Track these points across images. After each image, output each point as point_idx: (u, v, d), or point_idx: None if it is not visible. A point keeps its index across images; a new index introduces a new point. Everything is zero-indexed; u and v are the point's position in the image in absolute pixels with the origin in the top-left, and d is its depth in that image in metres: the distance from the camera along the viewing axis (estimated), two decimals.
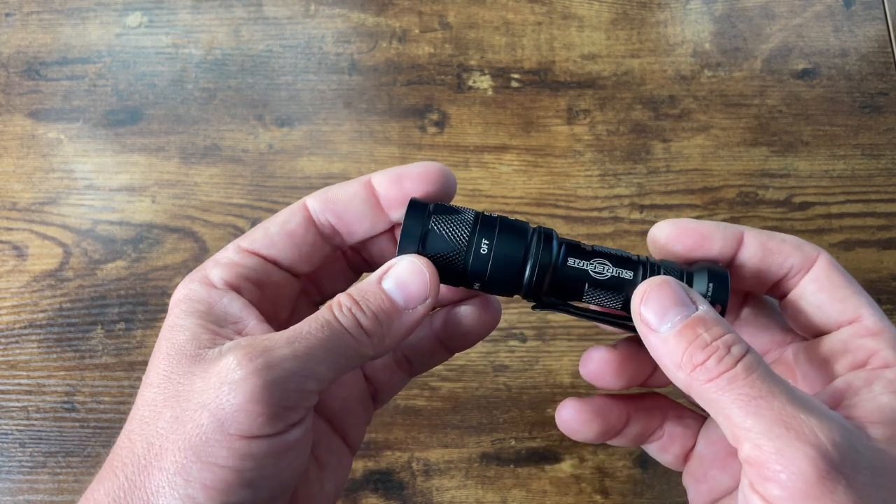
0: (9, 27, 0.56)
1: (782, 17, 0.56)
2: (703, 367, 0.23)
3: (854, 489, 0.21)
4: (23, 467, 0.46)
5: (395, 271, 0.26)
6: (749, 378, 0.22)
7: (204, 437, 0.23)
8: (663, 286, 0.25)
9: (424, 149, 0.52)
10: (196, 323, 0.26)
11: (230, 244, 0.29)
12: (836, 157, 0.52)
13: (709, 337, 0.23)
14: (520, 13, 0.56)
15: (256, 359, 0.23)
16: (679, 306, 0.24)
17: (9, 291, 0.49)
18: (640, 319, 0.25)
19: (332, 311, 0.25)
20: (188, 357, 0.25)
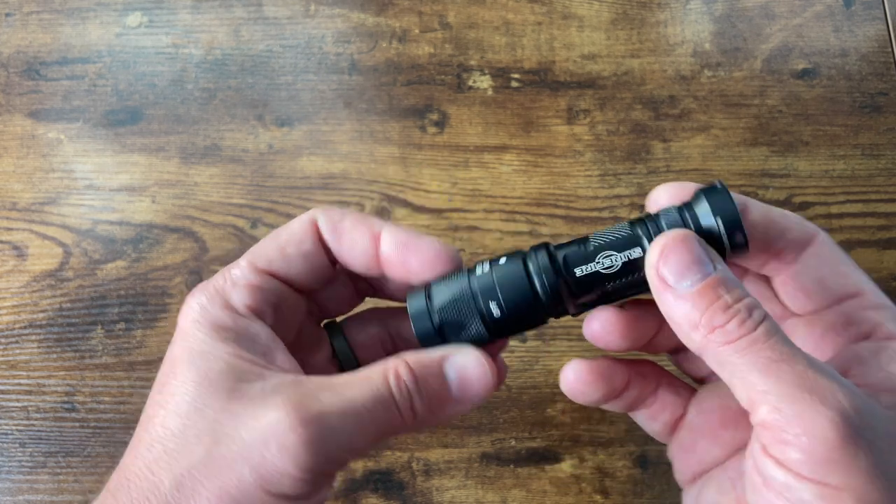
0: (9, 27, 0.56)
1: (782, 17, 0.56)
2: (722, 329, 0.22)
3: (874, 454, 0.20)
4: (23, 467, 0.46)
5: (461, 361, 0.26)
6: (769, 342, 0.22)
7: (244, 490, 0.22)
8: (684, 243, 0.24)
9: (424, 149, 0.52)
10: (229, 352, 0.25)
11: (242, 260, 0.28)
12: (836, 157, 0.52)
13: (730, 299, 0.23)
14: (520, 13, 0.56)
15: (309, 425, 0.23)
16: (699, 264, 0.23)
17: (9, 291, 0.49)
18: (656, 276, 0.24)
19: (389, 385, 0.24)
20: (225, 391, 0.24)
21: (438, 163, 0.52)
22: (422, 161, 0.52)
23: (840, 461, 0.20)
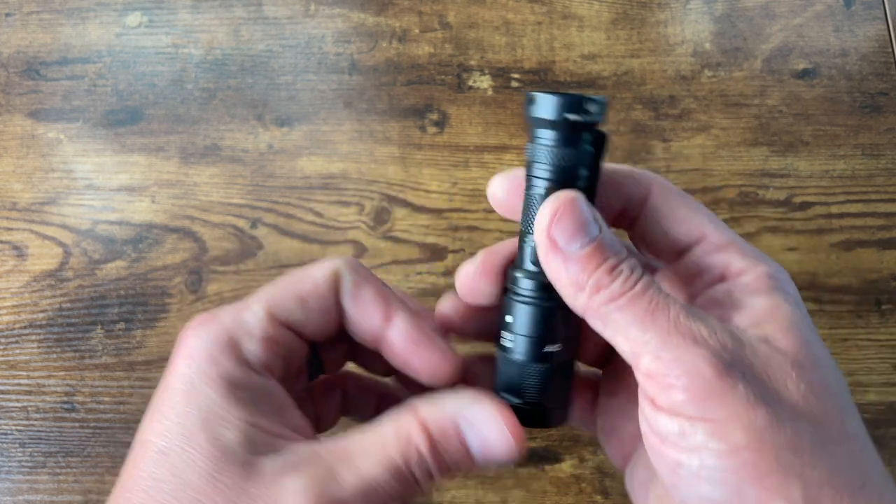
0: (9, 27, 0.56)
1: (782, 17, 0.56)
2: (607, 289, 0.23)
3: (752, 382, 0.21)
4: (23, 467, 0.46)
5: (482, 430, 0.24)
6: (646, 294, 0.23)
7: None
8: (574, 206, 0.24)
9: (424, 149, 0.52)
10: (244, 418, 0.23)
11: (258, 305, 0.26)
12: (837, 157, 0.52)
13: (614, 260, 0.24)
14: (520, 13, 0.56)
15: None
16: (587, 226, 0.24)
17: (9, 291, 0.49)
18: (546, 238, 0.24)
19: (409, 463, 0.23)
20: (239, 465, 0.22)
21: (438, 163, 0.52)
22: (422, 161, 0.52)
23: (720, 394, 0.21)
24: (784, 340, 0.23)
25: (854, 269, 0.50)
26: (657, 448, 0.23)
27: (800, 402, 0.22)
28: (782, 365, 0.22)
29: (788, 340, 0.23)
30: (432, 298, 0.49)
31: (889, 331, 0.48)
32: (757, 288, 0.24)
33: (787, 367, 0.22)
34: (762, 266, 0.25)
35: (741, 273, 0.25)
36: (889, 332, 0.48)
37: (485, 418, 0.24)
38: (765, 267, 0.25)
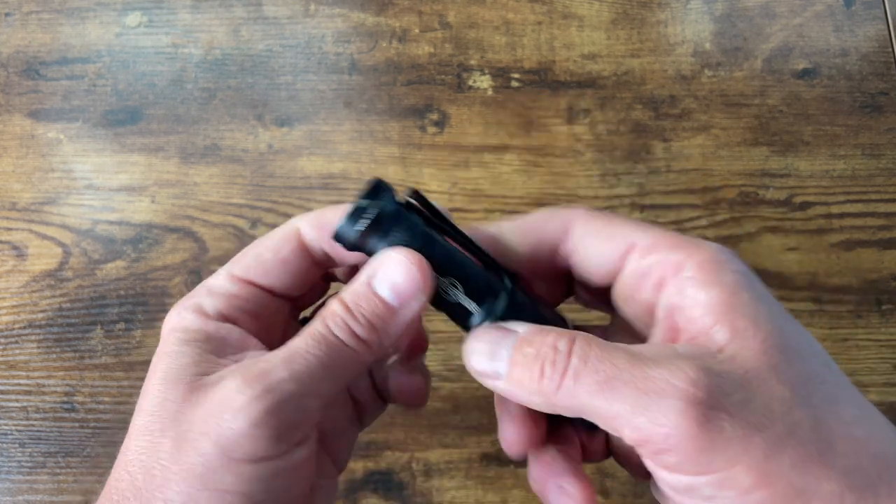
0: (8, 27, 0.56)
1: (783, 17, 0.56)
2: (545, 379, 0.22)
3: (736, 415, 0.20)
4: (22, 467, 0.46)
5: (385, 273, 0.26)
6: (588, 366, 0.22)
7: (209, 464, 0.23)
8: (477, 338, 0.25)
9: (424, 149, 0.52)
10: (194, 351, 0.25)
11: (222, 270, 0.28)
12: (837, 157, 0.52)
13: (533, 350, 0.23)
14: (520, 13, 0.56)
15: (255, 384, 0.23)
16: (500, 342, 0.24)
17: (8, 291, 0.49)
18: (479, 377, 0.25)
19: (327, 324, 0.25)
20: (185, 384, 0.24)
21: (438, 163, 0.52)
22: (422, 161, 0.52)
23: (710, 445, 0.20)
24: (752, 339, 0.21)
25: (854, 269, 0.50)
26: (673, 498, 0.23)
27: (789, 411, 0.20)
28: (760, 374, 0.21)
29: (756, 338, 0.21)
30: None
31: (889, 331, 0.48)
32: (702, 280, 0.23)
33: (765, 374, 0.21)
34: (698, 252, 0.23)
35: (680, 268, 0.23)
36: (889, 332, 0.48)
37: (389, 263, 0.25)
38: (701, 252, 0.23)
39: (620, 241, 0.25)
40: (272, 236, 0.29)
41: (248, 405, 0.23)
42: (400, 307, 0.26)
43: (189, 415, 0.24)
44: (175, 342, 0.26)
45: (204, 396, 0.24)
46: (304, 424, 0.24)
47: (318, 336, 0.25)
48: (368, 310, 0.25)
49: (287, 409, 0.23)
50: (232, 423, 0.23)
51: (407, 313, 0.26)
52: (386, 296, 0.25)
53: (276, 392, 0.23)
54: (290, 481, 0.24)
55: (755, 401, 0.20)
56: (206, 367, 0.25)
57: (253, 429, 0.23)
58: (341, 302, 0.25)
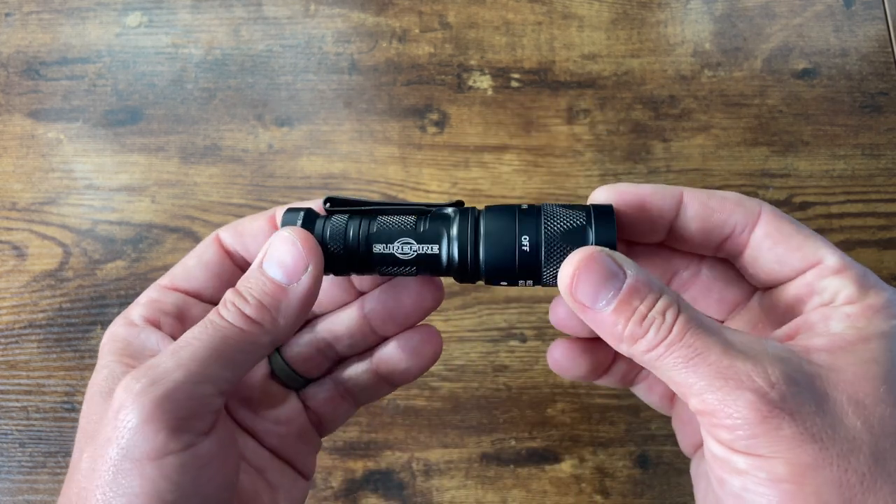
0: (8, 27, 0.56)
1: (782, 17, 0.56)
2: (643, 339, 0.23)
3: (799, 421, 0.21)
4: (23, 467, 0.46)
5: (270, 252, 0.26)
6: (684, 339, 0.23)
7: (115, 470, 0.23)
8: (591, 262, 0.24)
9: (424, 149, 0.52)
10: (112, 360, 0.26)
11: (152, 285, 0.30)
12: (837, 157, 0.52)
13: (644, 308, 0.24)
14: (520, 13, 0.56)
15: (142, 378, 0.23)
16: (610, 280, 0.24)
17: (9, 291, 0.49)
18: (573, 301, 0.25)
19: (217, 310, 0.25)
20: (103, 396, 0.25)
21: (438, 163, 0.52)
22: (422, 161, 0.52)
23: (763, 434, 0.22)
24: (851, 374, 0.22)
25: None
26: (710, 460, 0.24)
27: (855, 439, 0.22)
28: (839, 400, 0.22)
29: (857, 374, 0.22)
30: None
31: None
32: (856, 319, 0.24)
33: (844, 403, 0.22)
34: (873, 297, 0.25)
35: (849, 301, 0.25)
36: None
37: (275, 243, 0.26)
38: (876, 298, 0.24)
39: (809, 253, 0.26)
40: (198, 247, 0.30)
41: (135, 401, 0.23)
42: (289, 283, 0.26)
43: (99, 425, 0.24)
44: (101, 356, 0.27)
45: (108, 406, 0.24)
46: (203, 413, 0.24)
47: (206, 322, 0.25)
48: (257, 289, 0.25)
49: (177, 399, 0.23)
50: (126, 422, 0.23)
51: (299, 288, 0.26)
52: (274, 274, 0.26)
53: (162, 383, 0.23)
54: (202, 476, 0.24)
55: (824, 418, 0.22)
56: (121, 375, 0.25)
57: (145, 424, 0.22)
58: (233, 288, 0.26)
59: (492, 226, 0.26)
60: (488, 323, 0.48)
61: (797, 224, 0.27)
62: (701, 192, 0.27)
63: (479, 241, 0.26)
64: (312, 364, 0.32)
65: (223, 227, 0.30)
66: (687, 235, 0.27)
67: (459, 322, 0.48)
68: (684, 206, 0.27)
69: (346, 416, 0.33)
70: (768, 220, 0.27)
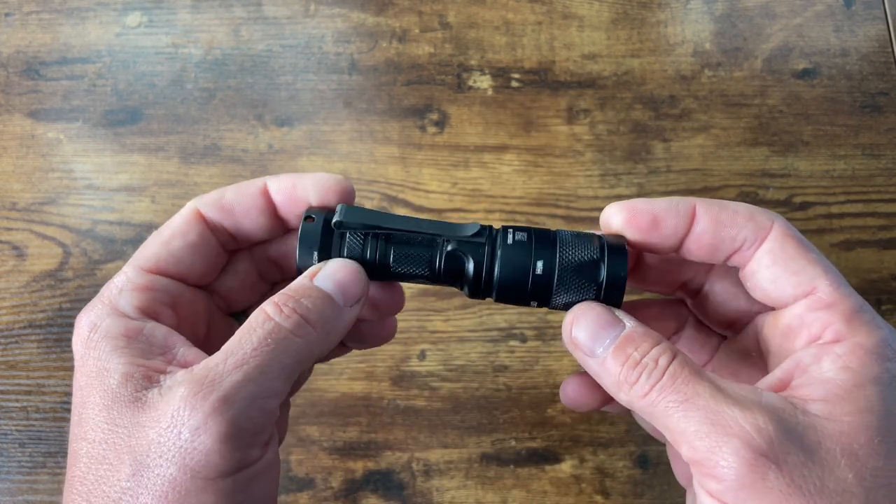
0: (8, 27, 0.56)
1: (783, 17, 0.56)
2: (637, 384, 0.24)
3: (786, 472, 0.21)
4: (22, 467, 0.46)
5: (329, 272, 0.26)
6: (675, 384, 0.23)
7: (179, 488, 0.22)
8: (589, 311, 0.26)
9: (424, 149, 0.52)
10: (123, 362, 0.24)
11: (127, 265, 0.27)
12: (837, 157, 0.52)
13: (638, 355, 0.24)
14: (520, 13, 0.56)
15: (210, 395, 0.22)
16: (606, 330, 0.25)
17: (8, 291, 0.49)
18: (573, 348, 0.26)
19: (272, 317, 0.24)
20: (127, 404, 0.23)
21: (438, 163, 0.52)
22: (422, 161, 0.52)
23: (750, 485, 0.21)
24: (847, 424, 0.22)
25: (854, 269, 0.50)
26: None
27: (845, 492, 0.21)
28: (832, 451, 0.22)
29: (852, 425, 0.22)
30: (432, 298, 0.49)
31: None
32: (846, 361, 0.23)
33: (836, 454, 0.22)
34: (863, 336, 0.24)
35: (838, 340, 0.24)
36: None
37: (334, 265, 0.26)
38: (865, 337, 0.24)
39: (805, 279, 0.25)
40: (173, 224, 0.28)
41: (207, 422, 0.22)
42: (344, 306, 0.26)
43: (143, 439, 0.22)
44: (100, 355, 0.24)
45: (153, 416, 0.23)
46: (269, 426, 0.24)
47: (266, 331, 0.24)
48: (315, 303, 0.25)
49: (250, 416, 0.22)
50: (196, 443, 0.22)
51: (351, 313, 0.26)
52: (332, 292, 0.26)
53: (233, 401, 0.22)
54: (269, 479, 0.24)
55: (813, 469, 0.21)
56: (142, 378, 0.24)
57: (220, 445, 0.22)
58: (286, 294, 0.25)
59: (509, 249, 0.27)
60: (488, 323, 0.48)
61: (805, 247, 0.26)
62: (713, 206, 0.27)
63: (494, 262, 0.27)
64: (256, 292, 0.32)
65: (196, 199, 0.28)
66: (695, 248, 0.27)
67: (459, 322, 0.48)
68: (696, 220, 0.27)
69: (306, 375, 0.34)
70: (775, 237, 0.26)
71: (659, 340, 0.25)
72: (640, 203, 0.27)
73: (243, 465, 0.23)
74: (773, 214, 0.27)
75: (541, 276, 0.26)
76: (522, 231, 0.27)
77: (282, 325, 0.24)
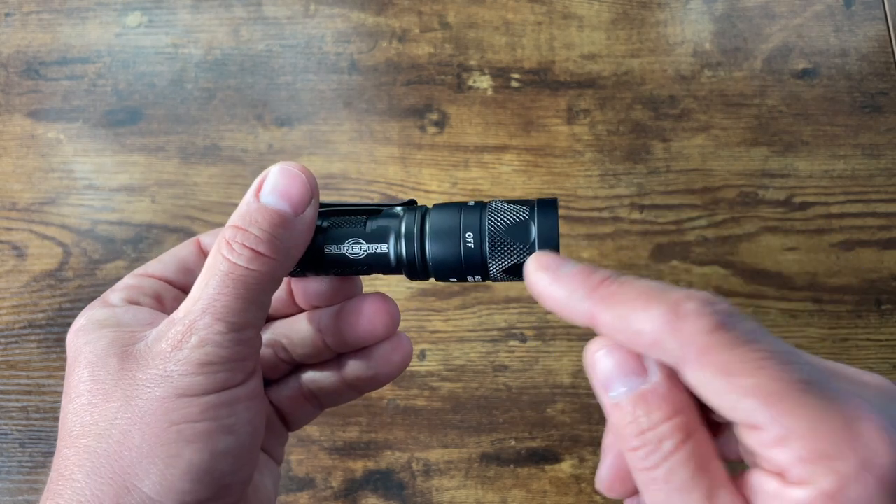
0: (8, 27, 0.56)
1: (782, 17, 0.56)
2: (634, 453, 0.21)
3: None
4: (23, 467, 0.46)
5: (270, 182, 0.26)
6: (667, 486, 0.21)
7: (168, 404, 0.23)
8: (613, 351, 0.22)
9: (424, 149, 0.52)
10: (111, 332, 0.26)
11: (125, 277, 0.30)
12: (837, 157, 0.52)
13: (646, 423, 0.21)
14: (520, 13, 0.56)
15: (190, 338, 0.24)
16: (626, 377, 0.22)
17: (9, 291, 0.49)
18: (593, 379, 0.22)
19: (225, 256, 0.24)
20: (115, 356, 0.25)
21: (438, 163, 0.52)
22: (422, 161, 0.52)
23: None
24: None
25: (854, 269, 0.50)
26: None
27: None
28: None
29: None
30: (432, 298, 0.49)
31: (889, 331, 0.48)
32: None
33: None
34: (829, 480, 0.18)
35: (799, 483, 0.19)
36: (889, 332, 0.48)
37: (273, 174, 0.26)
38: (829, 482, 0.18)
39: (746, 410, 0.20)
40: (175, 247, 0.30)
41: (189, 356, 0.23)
42: (295, 212, 0.26)
43: (129, 378, 0.24)
44: (87, 333, 0.26)
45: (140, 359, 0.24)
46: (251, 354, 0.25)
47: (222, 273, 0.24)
48: (265, 222, 0.25)
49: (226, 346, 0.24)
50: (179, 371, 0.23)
51: (305, 219, 0.26)
52: (279, 206, 0.26)
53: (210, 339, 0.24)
54: (253, 407, 0.25)
55: None
56: (130, 339, 0.25)
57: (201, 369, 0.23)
58: (233, 225, 0.25)
59: (437, 223, 0.27)
60: (488, 323, 0.48)
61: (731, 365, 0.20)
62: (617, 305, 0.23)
63: (424, 239, 0.27)
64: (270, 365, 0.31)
65: (204, 233, 0.31)
66: None
67: (459, 322, 0.48)
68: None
69: (312, 416, 0.33)
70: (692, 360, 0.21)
71: (675, 413, 0.21)
72: None
73: (226, 386, 0.24)
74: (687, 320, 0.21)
75: (472, 248, 0.26)
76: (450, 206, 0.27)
77: (237, 264, 0.24)
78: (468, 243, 0.26)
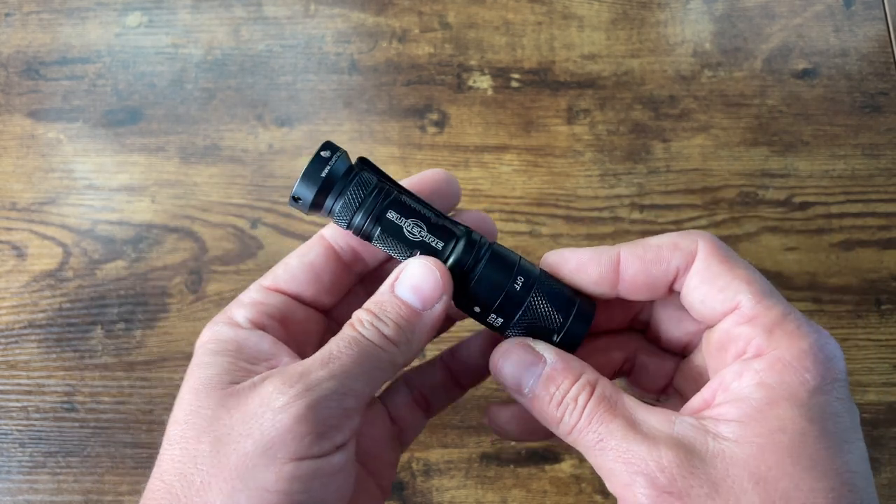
0: (8, 27, 0.56)
1: (782, 17, 0.56)
2: (562, 422, 0.25)
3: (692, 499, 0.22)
4: (23, 467, 0.46)
5: (406, 276, 0.27)
6: (591, 425, 0.24)
7: (250, 463, 0.23)
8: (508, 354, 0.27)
9: (424, 149, 0.52)
10: (226, 360, 0.26)
11: (254, 283, 0.29)
12: (837, 157, 0.52)
13: (559, 394, 0.25)
14: (520, 13, 0.56)
15: (296, 384, 0.24)
16: (529, 368, 0.26)
17: (9, 291, 0.49)
18: (504, 385, 0.27)
19: (356, 328, 0.26)
20: (218, 391, 0.25)
21: (438, 163, 0.52)
22: (422, 161, 0.52)
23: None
24: (756, 447, 0.22)
25: (854, 269, 0.50)
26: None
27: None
28: (739, 479, 0.22)
29: (763, 447, 0.22)
30: None
31: (889, 331, 0.48)
32: (763, 377, 0.23)
33: (744, 481, 0.22)
34: (783, 347, 0.24)
35: (758, 353, 0.24)
36: (889, 331, 0.48)
37: (410, 268, 0.27)
38: (786, 349, 0.24)
39: (729, 296, 0.26)
40: (301, 246, 0.30)
41: (290, 403, 0.23)
42: (423, 309, 0.27)
43: (226, 419, 0.24)
44: (206, 353, 0.26)
45: (241, 401, 0.24)
46: (344, 427, 0.25)
47: (349, 339, 0.25)
48: (393, 313, 0.26)
49: (328, 407, 0.24)
50: (274, 421, 0.23)
51: (432, 315, 0.27)
52: (409, 299, 0.27)
53: (315, 390, 0.24)
54: (330, 485, 0.25)
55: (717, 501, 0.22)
56: (239, 374, 0.25)
57: (296, 425, 0.23)
58: (366, 308, 0.27)
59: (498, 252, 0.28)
60: None
61: (730, 262, 0.26)
62: (636, 247, 0.28)
63: (482, 257, 0.28)
64: None
65: (328, 225, 0.30)
66: (634, 291, 0.28)
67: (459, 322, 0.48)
68: (623, 266, 0.28)
69: (421, 427, 0.34)
70: (701, 257, 0.27)
71: (578, 375, 0.26)
72: (566, 252, 0.29)
73: (312, 455, 0.24)
74: (697, 235, 0.27)
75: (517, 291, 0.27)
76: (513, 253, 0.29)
77: (364, 336, 0.26)
78: (517, 283, 0.28)
